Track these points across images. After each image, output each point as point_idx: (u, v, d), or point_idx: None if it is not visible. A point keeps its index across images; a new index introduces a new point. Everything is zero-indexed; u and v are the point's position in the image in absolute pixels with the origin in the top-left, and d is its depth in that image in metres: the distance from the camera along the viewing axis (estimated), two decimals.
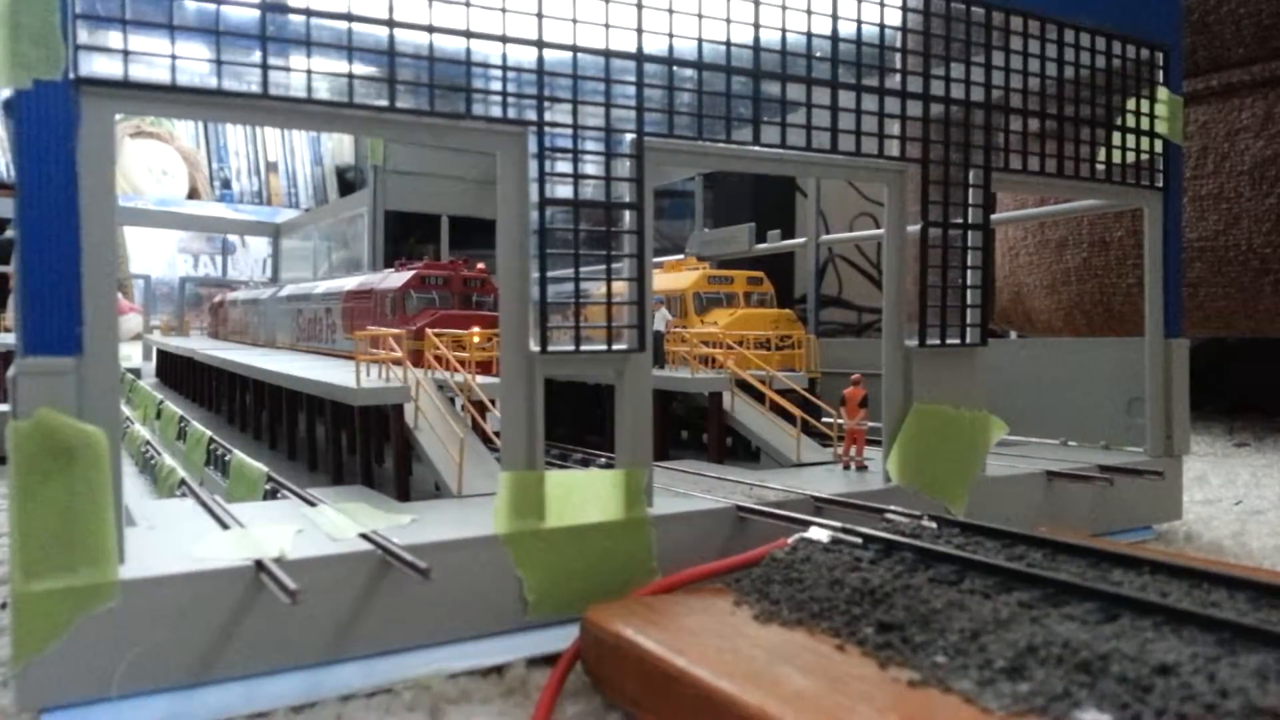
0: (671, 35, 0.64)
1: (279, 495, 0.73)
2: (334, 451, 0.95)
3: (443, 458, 0.77)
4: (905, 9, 0.74)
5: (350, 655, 0.53)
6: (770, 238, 1.64)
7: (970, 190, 0.76)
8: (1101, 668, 0.38)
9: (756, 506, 0.66)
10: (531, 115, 0.59)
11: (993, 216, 0.90)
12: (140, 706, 0.47)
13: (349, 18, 0.54)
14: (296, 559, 0.51)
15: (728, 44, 0.65)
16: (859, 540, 0.57)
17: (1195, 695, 0.35)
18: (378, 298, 1.20)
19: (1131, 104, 0.86)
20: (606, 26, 0.61)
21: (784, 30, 0.67)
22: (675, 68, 0.64)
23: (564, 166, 0.60)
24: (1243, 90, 1.49)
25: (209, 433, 1.07)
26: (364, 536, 0.55)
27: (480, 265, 1.20)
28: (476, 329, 0.99)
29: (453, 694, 0.52)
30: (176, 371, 1.95)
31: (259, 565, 0.50)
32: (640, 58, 0.63)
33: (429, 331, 0.98)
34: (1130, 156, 0.86)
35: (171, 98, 0.51)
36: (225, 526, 0.58)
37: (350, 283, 1.36)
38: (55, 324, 0.47)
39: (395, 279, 1.18)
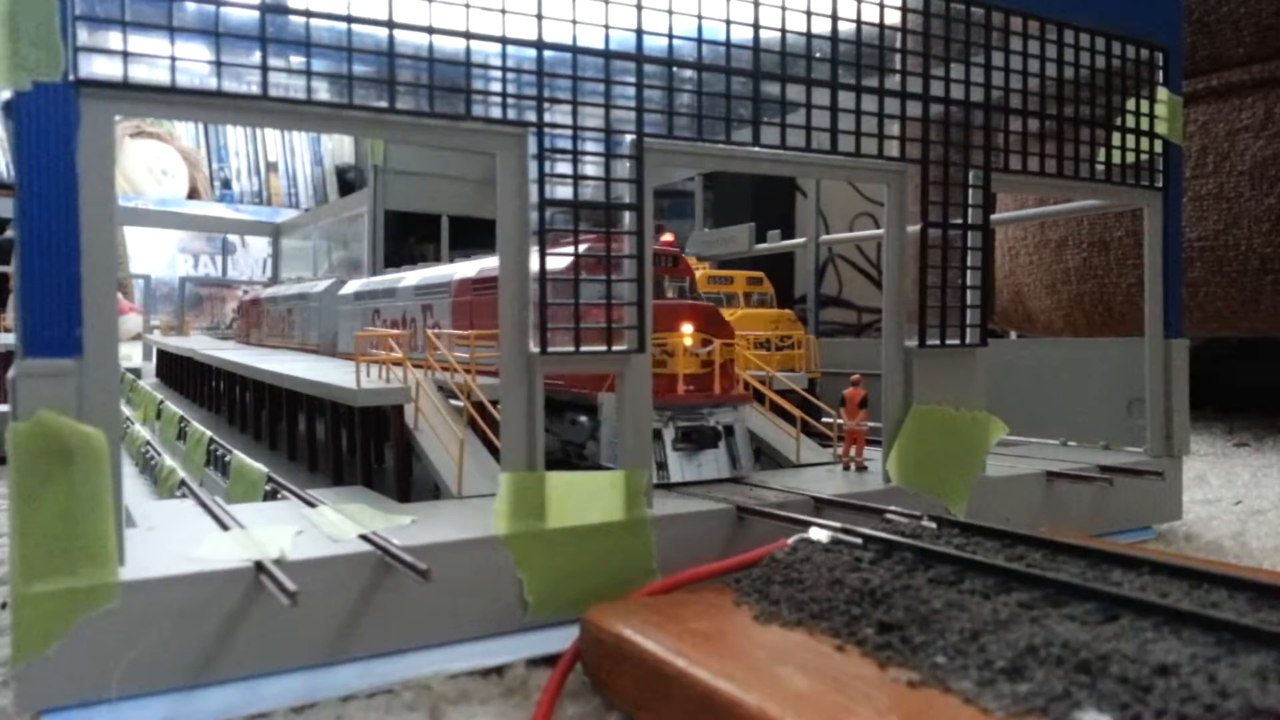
0: (671, 36, 0.64)
1: (279, 496, 0.73)
2: (334, 452, 0.95)
3: (443, 458, 0.77)
4: (905, 9, 0.74)
5: (350, 656, 0.53)
6: (770, 238, 1.64)
7: (970, 190, 0.76)
8: (1101, 668, 0.38)
9: (756, 507, 0.66)
10: (531, 116, 0.59)
11: (993, 216, 0.90)
12: (140, 708, 0.47)
13: (349, 19, 0.54)
14: (296, 560, 0.51)
15: (727, 44, 0.65)
16: (859, 541, 0.57)
17: (1195, 696, 0.35)
18: None
19: (1131, 104, 0.86)
20: (606, 27, 0.61)
21: (784, 31, 0.67)
22: (675, 68, 0.64)
23: (564, 167, 0.60)
24: (1243, 90, 1.49)
25: (209, 433, 1.06)
26: (364, 537, 0.55)
27: (668, 236, 0.87)
28: (688, 327, 0.74)
29: (453, 694, 0.52)
30: (177, 371, 1.95)
31: (259, 566, 0.50)
32: (640, 58, 0.63)
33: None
34: (1130, 156, 0.86)
35: (171, 99, 0.51)
36: (225, 527, 0.58)
37: (464, 270, 1.03)
38: (55, 326, 0.47)
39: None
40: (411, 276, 1.19)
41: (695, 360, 0.72)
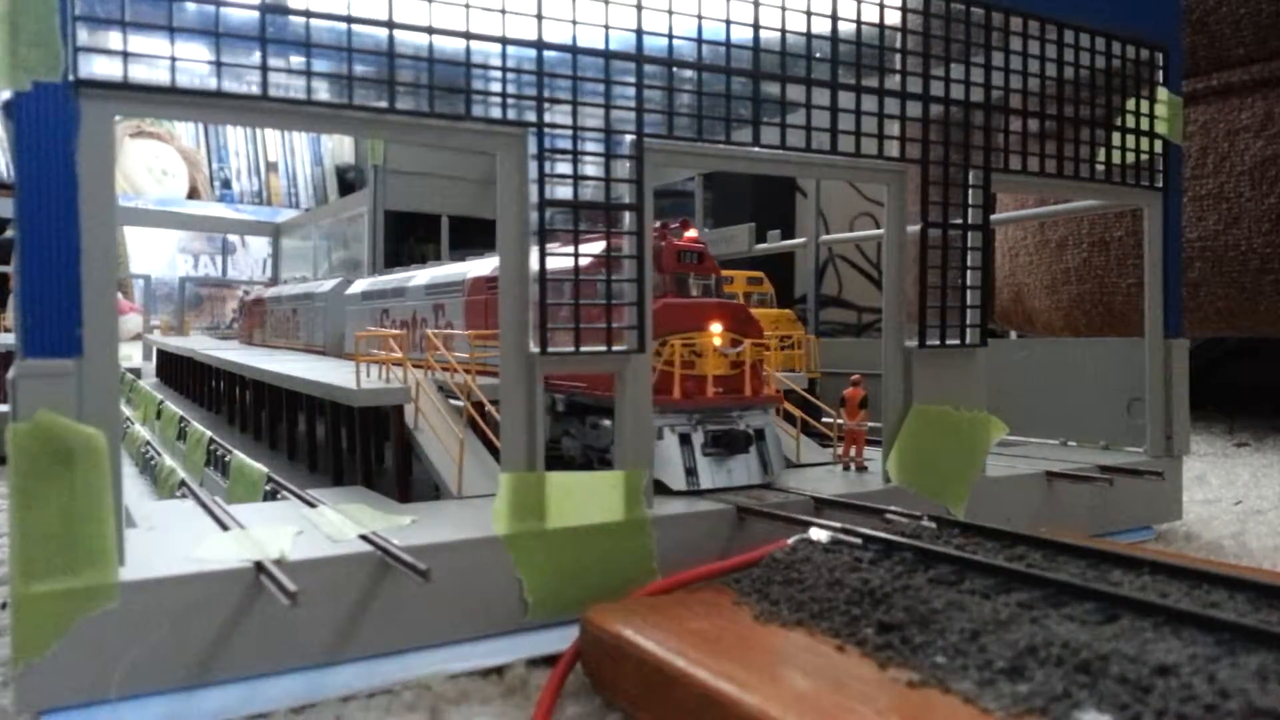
0: (671, 36, 0.64)
1: (279, 496, 0.73)
2: (334, 452, 0.95)
3: (443, 459, 0.77)
4: (905, 9, 0.74)
5: (350, 656, 0.53)
6: (770, 238, 1.64)
7: (970, 190, 0.76)
8: (1101, 668, 0.38)
9: (757, 507, 0.66)
10: (531, 117, 0.59)
11: (993, 216, 0.90)
12: (140, 708, 0.47)
13: (349, 19, 0.54)
14: (296, 560, 0.51)
15: (727, 44, 0.65)
16: (859, 541, 0.57)
17: (1195, 696, 0.35)
18: None
19: (1131, 104, 0.86)
20: (606, 27, 0.61)
21: (783, 31, 0.67)
22: (675, 68, 0.64)
23: (564, 168, 0.60)
24: (1243, 90, 1.49)
25: (209, 433, 1.06)
26: (364, 538, 0.55)
27: (692, 232, 0.83)
28: (717, 326, 0.72)
29: (453, 694, 0.52)
30: (177, 371, 1.95)
31: (259, 567, 0.50)
32: (640, 59, 0.63)
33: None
34: (1130, 156, 0.86)
35: (171, 99, 0.51)
36: (225, 528, 0.58)
37: (477, 268, 0.99)
38: (55, 326, 0.47)
39: None
40: (422, 275, 1.16)
41: (725, 361, 0.70)
